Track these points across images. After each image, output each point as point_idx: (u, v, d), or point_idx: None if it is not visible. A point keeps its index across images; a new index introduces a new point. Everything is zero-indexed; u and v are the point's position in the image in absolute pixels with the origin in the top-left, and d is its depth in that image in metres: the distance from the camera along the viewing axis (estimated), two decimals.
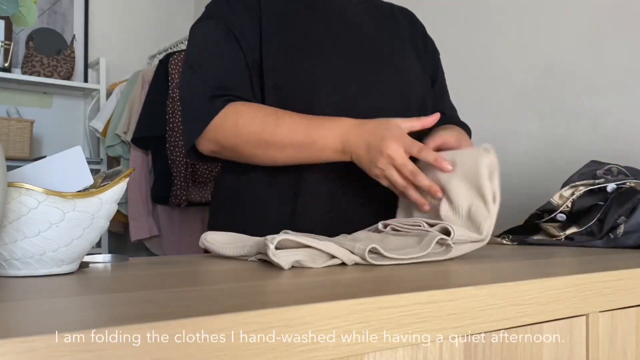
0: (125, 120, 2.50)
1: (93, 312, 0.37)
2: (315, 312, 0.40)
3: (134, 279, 0.55)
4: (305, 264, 0.60)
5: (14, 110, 2.77)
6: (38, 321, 0.34)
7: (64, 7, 3.02)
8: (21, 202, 0.53)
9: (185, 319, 0.35)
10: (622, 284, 0.64)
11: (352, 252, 0.64)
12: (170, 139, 2.27)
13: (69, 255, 0.58)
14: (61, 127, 3.02)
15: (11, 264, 0.56)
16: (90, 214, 0.57)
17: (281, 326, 0.38)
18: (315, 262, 0.61)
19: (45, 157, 0.62)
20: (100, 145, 2.93)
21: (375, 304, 0.43)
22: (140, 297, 0.43)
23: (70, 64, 2.89)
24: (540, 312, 0.55)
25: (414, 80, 1.10)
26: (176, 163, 2.26)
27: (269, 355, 0.38)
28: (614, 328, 0.64)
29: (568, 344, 0.59)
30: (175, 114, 2.28)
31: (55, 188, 0.57)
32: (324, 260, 0.63)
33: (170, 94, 2.29)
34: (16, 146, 2.64)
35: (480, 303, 0.50)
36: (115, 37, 3.18)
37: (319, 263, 0.61)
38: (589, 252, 0.91)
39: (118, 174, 0.61)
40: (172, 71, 2.31)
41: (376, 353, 0.44)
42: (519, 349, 0.55)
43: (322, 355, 0.40)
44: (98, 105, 2.92)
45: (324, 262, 0.62)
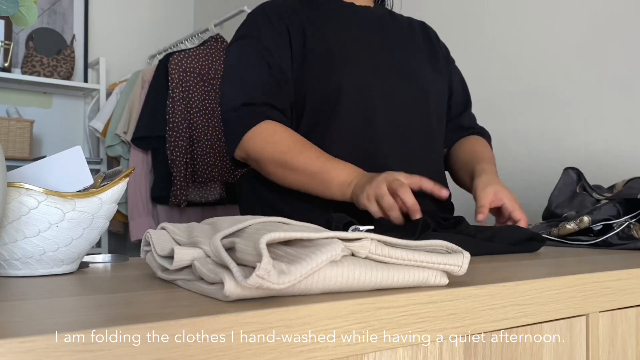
0: (125, 120, 2.50)
1: (93, 312, 0.37)
2: (315, 312, 0.40)
3: (134, 279, 0.55)
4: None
5: (14, 110, 2.77)
6: (38, 321, 0.34)
7: (63, 7, 3.02)
8: (21, 202, 0.53)
9: (185, 319, 0.35)
10: (622, 284, 0.64)
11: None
12: (170, 139, 2.27)
13: (69, 255, 0.58)
14: (61, 127, 3.02)
15: (11, 264, 0.56)
16: (90, 214, 0.57)
17: (281, 326, 0.38)
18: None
19: (45, 157, 0.62)
20: (100, 145, 2.93)
21: (374, 304, 0.43)
22: (140, 297, 0.43)
23: (70, 64, 2.89)
24: (540, 312, 0.55)
25: (434, 96, 1.15)
26: (176, 163, 2.26)
27: (269, 355, 0.38)
28: (614, 328, 0.64)
29: (568, 344, 0.59)
30: (175, 114, 2.28)
31: (55, 188, 0.57)
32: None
33: (170, 94, 2.29)
34: (16, 146, 2.64)
35: (480, 303, 0.50)
36: (115, 37, 3.18)
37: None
38: (589, 252, 0.91)
39: (118, 174, 0.61)
40: (172, 71, 2.31)
41: (376, 353, 0.44)
42: (519, 349, 0.55)
43: (322, 355, 0.40)
44: (98, 105, 2.92)
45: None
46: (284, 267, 0.41)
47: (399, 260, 0.47)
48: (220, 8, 3.03)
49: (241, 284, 0.39)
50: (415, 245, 0.49)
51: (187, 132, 2.30)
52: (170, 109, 2.28)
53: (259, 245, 0.40)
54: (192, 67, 2.34)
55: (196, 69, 2.35)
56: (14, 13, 0.53)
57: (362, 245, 0.45)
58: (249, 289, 0.40)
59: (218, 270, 0.43)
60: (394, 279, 0.47)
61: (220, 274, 0.41)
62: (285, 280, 0.40)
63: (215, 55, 2.41)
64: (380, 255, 0.46)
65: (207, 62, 2.39)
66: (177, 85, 2.30)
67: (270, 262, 0.39)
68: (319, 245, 0.43)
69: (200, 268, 0.45)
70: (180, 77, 2.31)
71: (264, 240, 0.40)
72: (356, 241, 0.46)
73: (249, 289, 0.40)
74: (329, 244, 0.43)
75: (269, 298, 0.42)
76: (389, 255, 0.47)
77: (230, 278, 0.40)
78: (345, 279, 0.44)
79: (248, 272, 0.40)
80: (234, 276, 0.40)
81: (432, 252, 0.50)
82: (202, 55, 2.38)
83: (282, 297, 0.43)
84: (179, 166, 2.27)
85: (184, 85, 2.31)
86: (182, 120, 2.28)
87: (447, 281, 0.50)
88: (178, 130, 2.28)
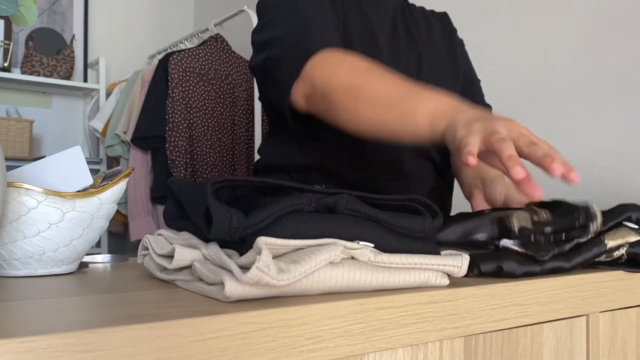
0: (125, 120, 2.50)
1: (93, 312, 0.37)
2: (315, 312, 0.40)
3: (134, 279, 0.55)
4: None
5: (14, 110, 2.77)
6: (38, 321, 0.34)
7: (63, 7, 3.02)
8: (21, 202, 0.53)
9: (185, 319, 0.35)
10: (622, 284, 0.64)
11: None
12: (170, 138, 2.27)
13: (69, 255, 0.58)
14: (61, 127, 3.02)
15: (11, 264, 0.56)
16: (89, 214, 0.57)
17: (281, 326, 0.38)
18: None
19: (45, 157, 0.62)
20: (99, 145, 2.93)
21: (375, 304, 0.43)
22: (140, 297, 0.43)
23: (70, 64, 2.89)
24: (540, 312, 0.55)
25: (450, 87, 1.10)
26: (176, 163, 2.26)
27: (269, 355, 0.38)
28: (614, 328, 0.64)
29: (568, 344, 0.59)
30: (175, 114, 2.28)
31: (55, 188, 0.57)
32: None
33: (170, 94, 2.29)
34: (16, 146, 2.64)
35: (480, 303, 0.50)
36: (115, 37, 3.18)
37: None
38: None
39: (117, 174, 0.61)
40: (172, 71, 2.31)
41: (376, 353, 0.44)
42: (519, 349, 0.55)
43: (322, 355, 0.40)
44: (98, 105, 2.92)
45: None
46: (283, 266, 0.41)
47: (399, 264, 0.47)
48: (220, 8, 3.03)
49: (241, 279, 0.39)
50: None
51: (187, 132, 2.29)
52: (170, 109, 2.28)
53: (258, 243, 0.40)
54: (192, 67, 2.34)
55: (196, 69, 2.35)
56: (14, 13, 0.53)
57: (361, 253, 0.46)
58: (250, 289, 0.40)
59: (218, 270, 0.43)
60: (394, 281, 0.47)
61: (221, 274, 0.41)
62: (284, 277, 0.40)
63: (215, 55, 2.41)
64: (380, 262, 0.46)
65: (207, 62, 2.38)
66: (177, 85, 2.29)
67: (270, 256, 0.39)
68: (318, 247, 0.43)
69: (200, 269, 0.45)
70: (180, 77, 2.31)
71: (263, 239, 0.40)
72: (356, 250, 0.46)
73: (250, 289, 0.40)
74: (328, 245, 0.44)
75: (269, 298, 0.42)
76: (389, 262, 0.47)
77: (231, 278, 0.40)
78: (345, 280, 0.44)
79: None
80: (234, 276, 0.40)
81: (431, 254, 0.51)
82: (202, 55, 2.38)
83: (282, 297, 0.43)
84: (178, 166, 2.27)
85: (184, 85, 2.31)
86: (182, 120, 2.28)
87: (448, 282, 0.50)
88: (178, 130, 2.28)
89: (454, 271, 0.49)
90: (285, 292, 0.42)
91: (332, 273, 0.44)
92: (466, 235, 0.63)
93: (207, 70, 2.38)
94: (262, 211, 0.42)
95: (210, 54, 2.40)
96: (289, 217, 0.44)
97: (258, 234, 0.42)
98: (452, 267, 0.49)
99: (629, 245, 0.66)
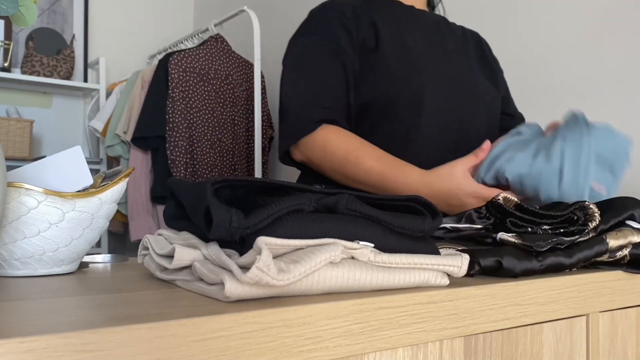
0: (125, 120, 2.49)
1: (93, 312, 0.37)
2: (315, 312, 0.40)
3: (134, 279, 0.55)
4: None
5: (14, 110, 2.77)
6: (38, 321, 0.34)
7: (63, 7, 3.02)
8: (21, 202, 0.53)
9: (185, 319, 0.35)
10: (622, 284, 0.64)
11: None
12: (170, 138, 2.27)
13: (69, 255, 0.58)
14: (61, 127, 3.02)
15: (11, 264, 0.56)
16: (89, 214, 0.57)
17: (281, 326, 0.38)
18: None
19: (45, 157, 0.62)
20: (99, 145, 2.93)
21: (374, 304, 0.43)
22: (140, 297, 0.43)
23: (70, 64, 2.89)
24: (540, 312, 0.55)
25: (488, 106, 1.13)
26: (176, 163, 2.26)
27: (269, 355, 0.38)
28: (614, 328, 0.64)
29: (568, 344, 0.59)
30: (175, 114, 2.28)
31: (55, 188, 0.57)
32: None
33: (170, 94, 2.29)
34: (16, 146, 2.64)
35: (480, 303, 0.50)
36: (115, 37, 3.18)
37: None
38: None
39: (118, 174, 0.61)
40: (172, 71, 2.31)
41: (376, 353, 0.44)
42: (519, 349, 0.55)
43: (322, 355, 0.40)
44: (98, 105, 2.92)
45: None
46: (283, 266, 0.41)
47: (399, 264, 0.47)
48: (220, 8, 3.03)
49: (241, 279, 0.39)
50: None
51: (187, 132, 2.29)
52: (170, 109, 2.28)
53: (258, 243, 0.40)
54: (192, 67, 2.34)
55: (196, 69, 2.35)
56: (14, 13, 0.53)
57: (361, 253, 0.46)
58: (250, 289, 0.40)
59: (218, 270, 0.43)
60: (394, 281, 0.47)
61: (221, 274, 0.41)
62: (284, 277, 0.40)
63: (215, 55, 2.41)
64: (380, 262, 0.46)
65: (207, 62, 2.38)
66: (177, 85, 2.29)
67: (270, 255, 0.39)
68: (318, 247, 0.44)
69: (200, 269, 0.45)
70: (180, 77, 2.31)
71: (263, 239, 0.40)
72: (356, 250, 0.46)
73: (250, 289, 0.40)
74: (328, 245, 0.44)
75: (269, 298, 0.42)
76: (389, 262, 0.47)
77: (231, 278, 0.40)
78: (345, 280, 0.44)
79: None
80: (234, 276, 0.40)
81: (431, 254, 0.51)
82: (202, 55, 2.38)
83: (282, 297, 0.43)
84: (178, 166, 2.27)
85: (183, 85, 2.31)
86: (182, 120, 2.28)
87: (448, 282, 0.50)
88: (178, 130, 2.28)
89: (454, 271, 0.50)
90: (285, 292, 0.42)
91: (332, 273, 0.44)
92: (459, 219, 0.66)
93: (207, 70, 2.38)
94: (262, 211, 0.42)
95: (211, 54, 2.40)
96: (289, 217, 0.44)
97: (258, 234, 0.42)
98: (452, 267, 0.49)
99: (632, 246, 0.66)
